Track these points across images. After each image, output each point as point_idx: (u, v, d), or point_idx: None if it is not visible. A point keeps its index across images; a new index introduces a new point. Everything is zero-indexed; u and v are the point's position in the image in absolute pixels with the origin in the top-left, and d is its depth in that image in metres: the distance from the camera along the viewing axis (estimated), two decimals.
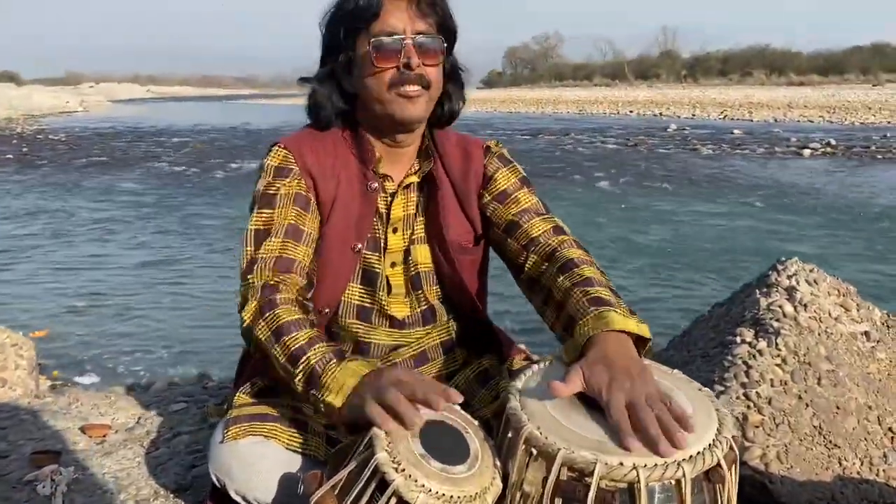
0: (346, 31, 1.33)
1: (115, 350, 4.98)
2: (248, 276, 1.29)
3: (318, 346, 1.17)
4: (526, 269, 1.41)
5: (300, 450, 1.25)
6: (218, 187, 12.70)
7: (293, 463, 1.23)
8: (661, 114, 34.34)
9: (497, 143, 1.52)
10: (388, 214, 1.42)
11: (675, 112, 34.83)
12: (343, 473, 1.01)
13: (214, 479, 1.26)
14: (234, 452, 1.24)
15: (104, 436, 1.91)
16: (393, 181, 1.42)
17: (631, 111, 36.90)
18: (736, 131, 23.73)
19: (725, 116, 31.75)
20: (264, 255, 1.30)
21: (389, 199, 1.42)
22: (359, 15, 1.30)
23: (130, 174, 14.36)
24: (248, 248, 1.33)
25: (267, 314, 1.22)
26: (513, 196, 1.45)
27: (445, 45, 1.35)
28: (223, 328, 5.21)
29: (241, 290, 1.30)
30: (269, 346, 1.20)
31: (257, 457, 1.23)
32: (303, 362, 1.16)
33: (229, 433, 1.25)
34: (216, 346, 4.99)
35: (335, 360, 1.14)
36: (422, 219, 1.44)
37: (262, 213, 1.35)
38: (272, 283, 1.27)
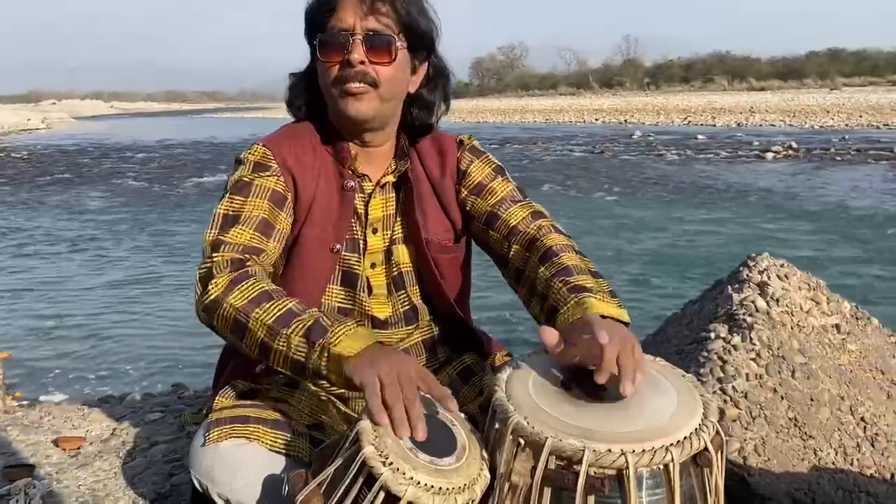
0: (310, 29, 1.34)
1: (82, 370, 4.89)
2: (214, 254, 1.23)
3: (311, 309, 1.14)
4: (510, 259, 1.41)
5: (283, 450, 1.23)
6: (184, 202, 12.58)
7: (277, 464, 1.21)
8: (625, 121, 34.75)
9: (469, 136, 1.52)
10: (366, 215, 1.41)
11: (639, 119, 35.27)
12: (329, 471, 1.00)
13: (196, 483, 1.24)
14: (217, 455, 1.21)
15: (78, 448, 1.87)
16: (370, 181, 1.41)
17: (596, 119, 37.29)
18: (700, 136, 24.09)
19: (689, 122, 32.24)
20: (231, 240, 1.25)
21: (367, 199, 1.41)
22: (317, 12, 1.31)
23: (96, 191, 14.17)
24: (213, 231, 1.27)
25: (242, 283, 1.17)
26: (488, 187, 1.45)
27: (405, 44, 1.32)
28: (194, 343, 5.15)
29: (202, 269, 1.22)
30: (248, 311, 1.14)
31: (240, 459, 1.21)
32: (297, 320, 1.12)
33: (211, 436, 1.23)
34: (188, 361, 4.92)
35: (344, 319, 1.12)
36: (400, 219, 1.43)
37: (234, 198, 1.31)
38: (240, 258, 1.23)
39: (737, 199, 11.72)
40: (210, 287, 1.19)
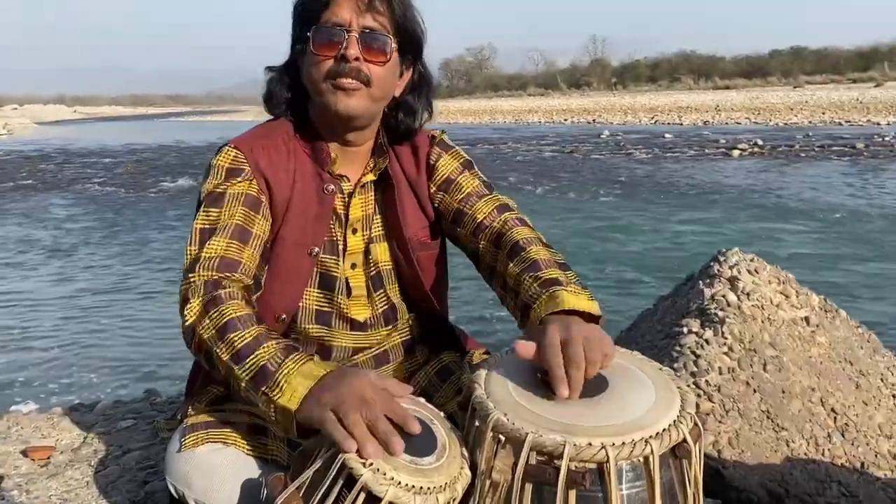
0: (301, 22, 1.32)
1: (51, 379, 4.80)
2: (190, 275, 1.23)
3: (267, 343, 1.12)
4: (480, 256, 1.40)
5: (261, 454, 1.22)
6: (152, 206, 12.41)
7: (254, 468, 1.20)
8: (594, 121, 35.03)
9: (441, 131, 1.51)
10: (347, 215, 1.39)
11: (607, 118, 35.57)
12: (308, 473, 0.99)
13: (172, 489, 1.22)
14: (193, 461, 1.20)
15: (48, 457, 1.83)
16: (349, 181, 1.40)
17: (565, 119, 37.53)
18: (667, 135, 24.37)
19: (656, 121, 32.57)
20: (207, 255, 1.25)
21: (347, 199, 1.40)
22: (310, 5, 1.29)
23: (60, 197, 13.92)
24: (192, 248, 1.27)
25: (211, 311, 1.17)
26: (455, 182, 1.44)
27: (397, 46, 1.32)
28: (165, 350, 5.08)
29: (181, 290, 1.24)
30: (213, 345, 1.14)
31: (217, 464, 1.19)
32: (251, 359, 1.10)
33: (187, 441, 1.21)
34: (159, 368, 4.86)
35: (289, 358, 1.09)
36: (379, 217, 1.42)
37: (209, 211, 1.29)
38: (215, 279, 1.22)
39: (705, 196, 11.87)
40: (186, 313, 1.20)
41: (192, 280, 1.22)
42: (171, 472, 1.22)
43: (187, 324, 1.19)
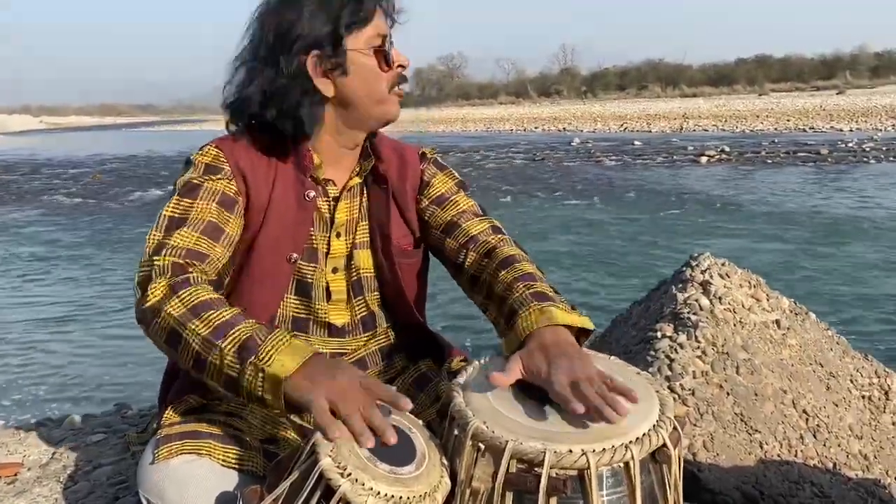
0: (332, 33, 1.28)
1: (17, 393, 4.70)
2: (155, 258, 1.18)
3: (248, 321, 1.10)
4: (465, 266, 1.40)
5: (237, 465, 1.20)
6: (121, 218, 12.27)
7: (230, 479, 1.18)
8: (564, 129, 35.29)
9: (432, 149, 1.53)
10: (332, 219, 1.38)
11: (577, 126, 35.86)
12: (285, 485, 0.97)
13: (145, 502, 1.19)
14: (167, 472, 1.17)
15: (15, 474, 1.78)
16: (335, 185, 1.39)
17: (536, 127, 37.75)
18: (636, 142, 24.63)
19: (626, 129, 32.88)
20: (175, 243, 1.21)
21: (333, 203, 1.39)
22: (347, 17, 1.28)
23: (25, 209, 13.69)
24: (157, 234, 1.22)
25: (181, 291, 1.12)
26: (451, 199, 1.45)
27: None
28: (135, 362, 5.00)
29: (141, 273, 1.18)
30: (185, 321, 1.09)
31: (192, 475, 1.16)
32: (233, 333, 1.07)
33: (160, 453, 1.19)
34: (129, 380, 4.78)
35: (273, 332, 1.07)
36: (364, 223, 1.42)
37: (181, 201, 1.26)
38: (182, 263, 1.18)
39: (675, 202, 12.00)
40: (148, 293, 1.14)
41: (156, 262, 1.18)
42: (144, 485, 1.19)
43: (150, 303, 1.13)
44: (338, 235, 1.39)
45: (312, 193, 1.35)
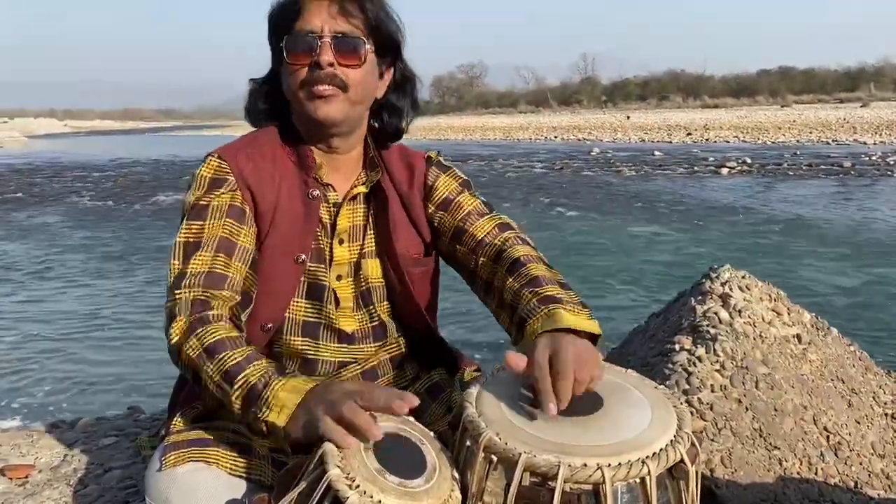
0: (275, 32, 1.32)
1: (32, 395, 4.72)
2: (176, 292, 1.22)
3: (256, 363, 1.12)
4: (477, 273, 1.39)
5: (244, 474, 1.19)
6: (142, 221, 12.36)
7: (237, 488, 1.17)
8: (584, 138, 35.21)
9: (437, 152, 1.52)
10: (333, 225, 1.37)
11: (597, 136, 35.78)
12: (292, 495, 0.96)
13: None
14: (174, 480, 1.16)
15: (26, 476, 1.78)
16: (336, 191, 1.38)
17: (555, 136, 37.70)
18: (657, 153, 24.50)
19: (645, 140, 32.75)
20: (193, 270, 1.23)
21: (334, 210, 1.38)
22: (283, 15, 1.30)
23: (50, 211, 13.84)
24: (176, 262, 1.25)
25: (198, 330, 1.16)
26: (455, 201, 1.44)
27: (373, 48, 1.31)
28: (150, 365, 5.02)
29: (167, 306, 1.22)
30: (201, 364, 1.14)
31: (198, 484, 1.15)
32: (240, 380, 1.10)
33: (168, 460, 1.18)
34: (144, 383, 4.79)
35: (277, 377, 1.09)
36: (372, 232, 1.41)
37: (191, 224, 1.28)
38: (202, 298, 1.21)
39: (695, 213, 11.91)
40: (172, 331, 1.19)
41: (177, 297, 1.21)
42: (151, 492, 1.19)
43: (173, 342, 1.18)
44: (340, 242, 1.38)
45: (316, 192, 1.35)
